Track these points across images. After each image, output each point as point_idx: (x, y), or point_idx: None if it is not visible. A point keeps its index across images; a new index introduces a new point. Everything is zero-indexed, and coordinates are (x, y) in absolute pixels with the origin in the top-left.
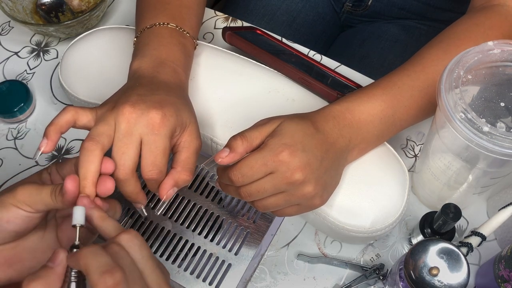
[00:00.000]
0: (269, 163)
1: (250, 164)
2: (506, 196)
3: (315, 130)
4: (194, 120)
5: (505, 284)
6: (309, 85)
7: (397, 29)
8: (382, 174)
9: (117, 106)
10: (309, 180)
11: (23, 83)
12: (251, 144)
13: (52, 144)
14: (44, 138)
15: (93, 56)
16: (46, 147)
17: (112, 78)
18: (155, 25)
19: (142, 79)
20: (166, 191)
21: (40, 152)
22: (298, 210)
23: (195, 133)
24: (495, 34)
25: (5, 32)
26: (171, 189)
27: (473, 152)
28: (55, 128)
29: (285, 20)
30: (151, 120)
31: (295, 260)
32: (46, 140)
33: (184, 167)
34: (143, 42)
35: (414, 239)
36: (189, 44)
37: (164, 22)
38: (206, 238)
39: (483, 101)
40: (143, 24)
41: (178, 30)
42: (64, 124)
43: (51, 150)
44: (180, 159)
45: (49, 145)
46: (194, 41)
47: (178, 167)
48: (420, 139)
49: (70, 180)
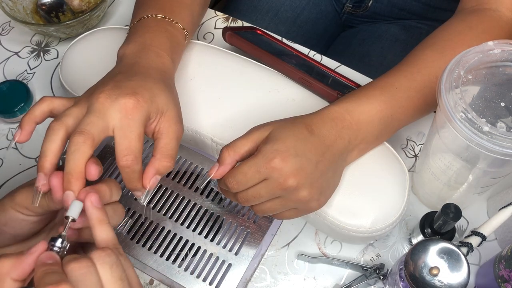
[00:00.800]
0: (262, 170)
1: (243, 171)
2: (506, 196)
3: (309, 134)
4: (172, 105)
5: (505, 284)
6: (309, 85)
7: (397, 28)
8: (382, 174)
9: (93, 93)
10: (303, 185)
11: (24, 83)
12: (239, 153)
13: (26, 133)
14: (19, 128)
15: (94, 56)
16: (19, 137)
17: None
18: (144, 18)
19: (123, 66)
20: (148, 180)
21: (14, 141)
22: (296, 214)
23: (173, 118)
24: (488, 38)
25: (5, 32)
26: (153, 178)
27: (473, 152)
28: (29, 118)
29: (289, 16)
30: (124, 105)
31: (295, 260)
32: (20, 130)
33: (164, 153)
34: (131, 32)
35: (414, 239)
36: (178, 33)
37: (153, 14)
38: (206, 238)
39: (483, 101)
40: (134, 20)
41: (167, 20)
42: (38, 114)
43: (25, 140)
44: (159, 146)
45: (23, 135)
46: (184, 31)
47: (157, 155)
48: (420, 139)
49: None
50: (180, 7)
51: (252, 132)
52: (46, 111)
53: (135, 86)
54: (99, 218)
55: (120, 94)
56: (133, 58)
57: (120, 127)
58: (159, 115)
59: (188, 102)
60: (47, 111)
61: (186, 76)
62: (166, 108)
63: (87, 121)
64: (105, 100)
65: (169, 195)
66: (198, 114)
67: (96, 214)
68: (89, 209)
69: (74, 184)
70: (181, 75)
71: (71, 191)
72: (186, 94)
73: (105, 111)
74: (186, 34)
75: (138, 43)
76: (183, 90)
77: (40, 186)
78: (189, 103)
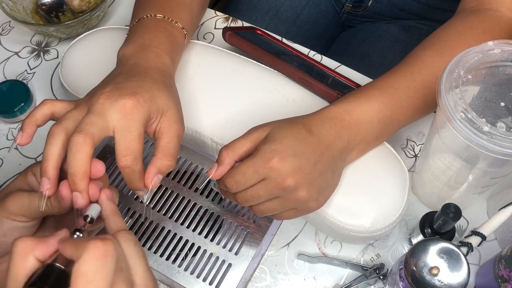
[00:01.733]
0: (260, 170)
1: (242, 171)
2: (506, 196)
3: (308, 134)
4: (172, 105)
5: (505, 284)
6: (309, 85)
7: (397, 28)
8: (382, 174)
9: (93, 95)
10: (301, 185)
11: (24, 83)
12: (238, 153)
13: (27, 136)
14: (20, 131)
15: (94, 56)
16: (21, 140)
17: None
18: (143, 18)
19: (123, 67)
20: (150, 179)
21: (15, 144)
22: (295, 214)
23: (174, 117)
24: (488, 39)
25: (5, 32)
26: (155, 177)
27: (473, 152)
28: (30, 121)
29: (289, 16)
30: (123, 106)
31: (295, 260)
32: (21, 133)
33: (165, 152)
34: (130, 33)
35: (414, 239)
36: (177, 32)
37: (152, 14)
38: (206, 238)
39: (483, 101)
40: (133, 20)
41: (166, 20)
42: (39, 117)
43: (26, 143)
44: (160, 145)
45: (24, 138)
46: (183, 30)
47: (158, 154)
48: (420, 139)
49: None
50: (179, 6)
51: (251, 132)
52: (47, 114)
53: (135, 87)
54: (113, 210)
55: (120, 95)
56: (132, 59)
57: (119, 128)
58: (159, 114)
59: (188, 102)
60: (48, 114)
61: (186, 76)
62: (167, 107)
63: (86, 120)
64: (105, 101)
65: (169, 195)
66: (198, 114)
67: (111, 206)
68: (104, 202)
69: (80, 184)
70: (181, 75)
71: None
72: (186, 94)
73: (105, 111)
74: (186, 34)
75: (137, 43)
76: (183, 90)
77: (45, 191)
78: (189, 103)
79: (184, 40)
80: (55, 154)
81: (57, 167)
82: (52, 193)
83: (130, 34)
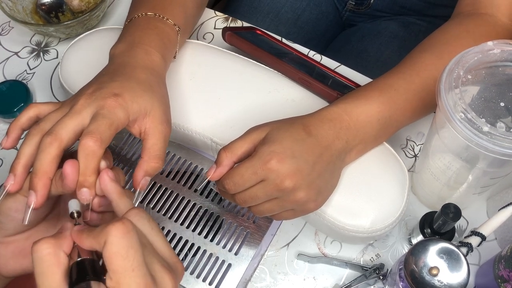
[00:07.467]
0: (258, 171)
1: (240, 173)
2: (506, 196)
3: (306, 135)
4: (158, 105)
5: (505, 284)
6: (309, 85)
7: (396, 25)
8: (382, 174)
9: (76, 96)
10: (300, 186)
11: (23, 83)
12: (236, 154)
13: (12, 140)
14: (6, 135)
15: (93, 56)
16: (6, 144)
17: None
18: (135, 17)
19: (111, 65)
20: (138, 182)
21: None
22: (294, 215)
23: (158, 118)
24: (485, 42)
25: (5, 32)
26: (143, 179)
27: (473, 152)
28: (16, 125)
29: (290, 17)
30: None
31: (295, 260)
32: (6, 137)
33: (151, 155)
34: (122, 32)
35: (414, 239)
36: (169, 29)
37: (143, 13)
38: (206, 238)
39: (483, 101)
40: (126, 20)
41: (157, 17)
42: (25, 121)
43: (11, 147)
44: (147, 147)
45: (9, 142)
46: (175, 27)
47: (145, 156)
48: (420, 139)
49: (68, 165)
50: (172, 4)
51: (250, 133)
52: (32, 117)
53: (117, 87)
54: (118, 191)
55: (100, 95)
56: (121, 57)
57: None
58: (142, 115)
59: (188, 102)
60: (34, 117)
61: (186, 76)
62: (150, 108)
63: (59, 122)
64: (84, 102)
65: (169, 195)
66: (198, 115)
67: (115, 187)
68: (108, 184)
69: (37, 183)
70: (181, 75)
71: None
72: (185, 94)
73: (82, 111)
74: (178, 30)
75: (127, 42)
76: (183, 90)
77: (8, 186)
78: (189, 103)
79: (177, 37)
80: (26, 153)
81: (26, 165)
82: (16, 189)
83: (122, 33)
